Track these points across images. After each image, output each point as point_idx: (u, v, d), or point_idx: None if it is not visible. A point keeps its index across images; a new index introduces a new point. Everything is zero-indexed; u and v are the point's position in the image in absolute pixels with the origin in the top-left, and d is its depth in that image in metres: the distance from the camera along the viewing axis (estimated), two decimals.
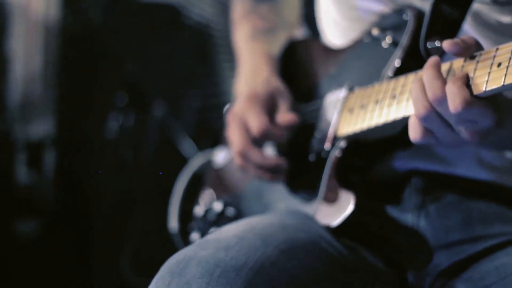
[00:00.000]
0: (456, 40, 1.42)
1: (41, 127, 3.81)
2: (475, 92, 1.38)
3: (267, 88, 1.89)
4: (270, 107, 1.86)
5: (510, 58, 1.34)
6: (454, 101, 1.36)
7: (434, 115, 1.41)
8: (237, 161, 1.88)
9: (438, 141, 1.45)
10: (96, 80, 3.77)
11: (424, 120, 1.42)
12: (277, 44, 2.05)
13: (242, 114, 1.85)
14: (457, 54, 1.43)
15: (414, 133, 1.45)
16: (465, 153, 1.72)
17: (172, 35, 3.71)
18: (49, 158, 3.80)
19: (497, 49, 1.38)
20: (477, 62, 1.40)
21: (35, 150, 3.82)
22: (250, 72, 1.96)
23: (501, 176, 1.71)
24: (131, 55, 3.70)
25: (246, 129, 1.84)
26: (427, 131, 1.44)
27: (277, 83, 1.91)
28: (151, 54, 3.72)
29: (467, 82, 1.39)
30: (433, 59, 1.44)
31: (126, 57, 3.68)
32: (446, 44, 1.42)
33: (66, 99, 3.81)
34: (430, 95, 1.40)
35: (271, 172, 1.85)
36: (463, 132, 1.41)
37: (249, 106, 1.84)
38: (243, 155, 1.84)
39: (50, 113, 3.80)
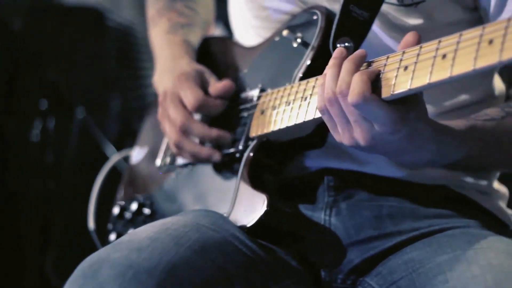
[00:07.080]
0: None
1: None
2: (383, 95, 1.39)
3: (193, 67, 1.88)
4: (200, 84, 1.85)
5: (415, 63, 1.35)
6: (353, 90, 1.38)
7: (335, 104, 1.43)
8: (177, 138, 1.83)
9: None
10: (19, 84, 3.73)
11: (329, 103, 1.44)
12: (195, 38, 2.05)
13: (174, 93, 1.84)
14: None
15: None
16: None
17: (95, 38, 3.69)
18: None
19: (403, 52, 1.39)
20: (384, 65, 1.40)
21: None
22: (170, 60, 1.95)
23: (410, 174, 1.75)
24: (52, 58, 3.67)
25: (182, 104, 1.83)
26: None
27: (200, 66, 1.91)
28: (73, 57, 3.70)
29: (374, 78, 1.39)
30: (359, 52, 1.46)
31: (47, 60, 3.65)
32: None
33: None
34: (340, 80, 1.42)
35: (211, 147, 1.83)
36: (358, 132, 1.42)
37: (181, 83, 1.83)
38: (184, 130, 1.81)
39: None
